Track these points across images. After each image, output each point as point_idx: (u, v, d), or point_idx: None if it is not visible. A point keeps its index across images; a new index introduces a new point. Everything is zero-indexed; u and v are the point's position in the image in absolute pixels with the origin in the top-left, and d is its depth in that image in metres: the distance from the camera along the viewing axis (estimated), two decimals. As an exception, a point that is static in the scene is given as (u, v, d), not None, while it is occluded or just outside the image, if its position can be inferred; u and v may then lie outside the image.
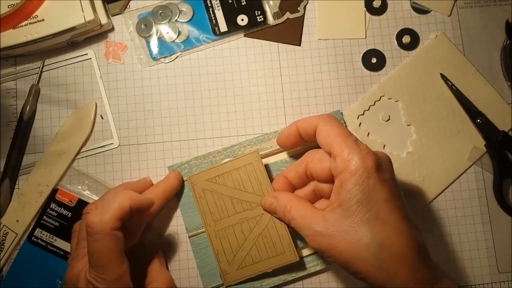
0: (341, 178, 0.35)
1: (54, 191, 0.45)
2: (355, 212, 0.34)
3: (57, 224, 0.44)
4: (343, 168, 0.34)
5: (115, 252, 0.34)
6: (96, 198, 0.45)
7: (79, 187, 0.45)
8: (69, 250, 0.44)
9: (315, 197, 0.41)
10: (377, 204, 0.34)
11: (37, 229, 0.44)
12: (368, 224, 0.33)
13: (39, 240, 0.44)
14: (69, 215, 0.44)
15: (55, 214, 0.44)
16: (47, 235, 0.44)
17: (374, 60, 0.48)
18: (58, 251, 0.44)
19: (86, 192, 0.45)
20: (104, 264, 0.34)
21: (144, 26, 0.47)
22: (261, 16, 0.47)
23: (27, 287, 0.43)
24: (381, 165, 0.35)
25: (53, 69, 0.47)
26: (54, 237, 0.44)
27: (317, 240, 0.35)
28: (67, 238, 0.44)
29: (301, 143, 0.41)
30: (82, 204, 0.44)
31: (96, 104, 0.47)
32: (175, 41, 0.47)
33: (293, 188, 0.42)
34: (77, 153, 0.46)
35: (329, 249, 0.35)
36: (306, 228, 0.36)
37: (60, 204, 0.45)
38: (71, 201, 0.45)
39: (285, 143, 0.41)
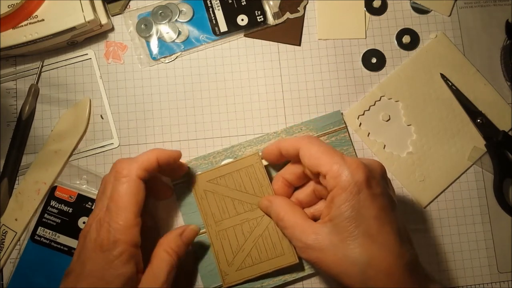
0: (333, 194, 0.35)
1: (53, 188, 0.45)
2: (345, 228, 0.34)
3: (58, 220, 0.44)
4: (334, 185, 0.34)
5: (134, 199, 0.36)
6: (96, 192, 0.45)
7: (78, 182, 0.45)
8: (73, 246, 0.44)
9: (315, 198, 0.41)
10: (366, 220, 0.34)
11: (39, 227, 0.44)
12: (357, 240, 0.33)
13: (42, 239, 0.44)
14: (70, 211, 0.45)
15: (56, 211, 0.45)
16: (50, 232, 0.44)
17: (374, 60, 0.48)
18: (62, 247, 0.44)
19: (85, 187, 0.45)
20: (121, 207, 0.35)
21: (144, 26, 0.47)
22: (261, 16, 0.47)
23: (34, 286, 0.43)
24: (373, 178, 0.35)
25: (53, 69, 0.47)
26: (57, 234, 0.44)
27: (307, 252, 0.36)
28: (70, 234, 0.44)
29: (284, 161, 0.41)
30: (82, 199, 0.45)
31: (90, 100, 0.47)
32: (175, 41, 0.47)
33: (292, 188, 0.42)
34: (73, 150, 0.46)
35: (318, 262, 0.35)
36: (297, 240, 0.36)
37: (60, 200, 0.45)
38: (70, 196, 0.45)
39: (268, 160, 0.42)
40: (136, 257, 0.36)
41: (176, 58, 0.47)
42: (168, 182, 0.44)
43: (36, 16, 0.44)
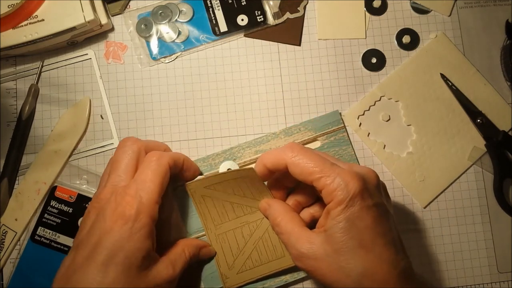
0: (328, 207, 0.35)
1: (53, 188, 0.45)
2: (339, 239, 0.34)
3: (59, 220, 0.44)
4: (329, 199, 0.35)
5: (162, 179, 0.37)
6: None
7: (78, 182, 0.45)
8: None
9: (313, 197, 0.41)
10: (360, 232, 0.34)
11: (40, 227, 0.44)
12: (351, 251, 0.34)
13: (42, 239, 0.44)
14: (70, 211, 0.45)
15: (56, 211, 0.45)
16: (50, 232, 0.44)
17: (374, 60, 0.48)
18: (62, 247, 0.44)
19: (85, 187, 0.45)
20: (152, 182, 0.37)
21: (144, 26, 0.47)
22: (261, 16, 0.47)
23: (34, 286, 0.43)
24: (367, 189, 0.35)
25: (53, 69, 0.47)
26: (57, 234, 0.44)
27: (301, 260, 0.36)
28: (70, 234, 0.44)
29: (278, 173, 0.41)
30: (82, 199, 0.45)
31: (90, 100, 0.47)
32: (175, 41, 0.47)
33: (287, 189, 0.41)
34: (73, 150, 0.46)
35: (312, 271, 0.35)
36: (291, 247, 0.37)
37: (60, 200, 0.45)
38: (70, 196, 0.45)
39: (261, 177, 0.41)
40: (153, 235, 0.37)
41: (176, 58, 0.47)
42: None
43: (36, 16, 0.44)
